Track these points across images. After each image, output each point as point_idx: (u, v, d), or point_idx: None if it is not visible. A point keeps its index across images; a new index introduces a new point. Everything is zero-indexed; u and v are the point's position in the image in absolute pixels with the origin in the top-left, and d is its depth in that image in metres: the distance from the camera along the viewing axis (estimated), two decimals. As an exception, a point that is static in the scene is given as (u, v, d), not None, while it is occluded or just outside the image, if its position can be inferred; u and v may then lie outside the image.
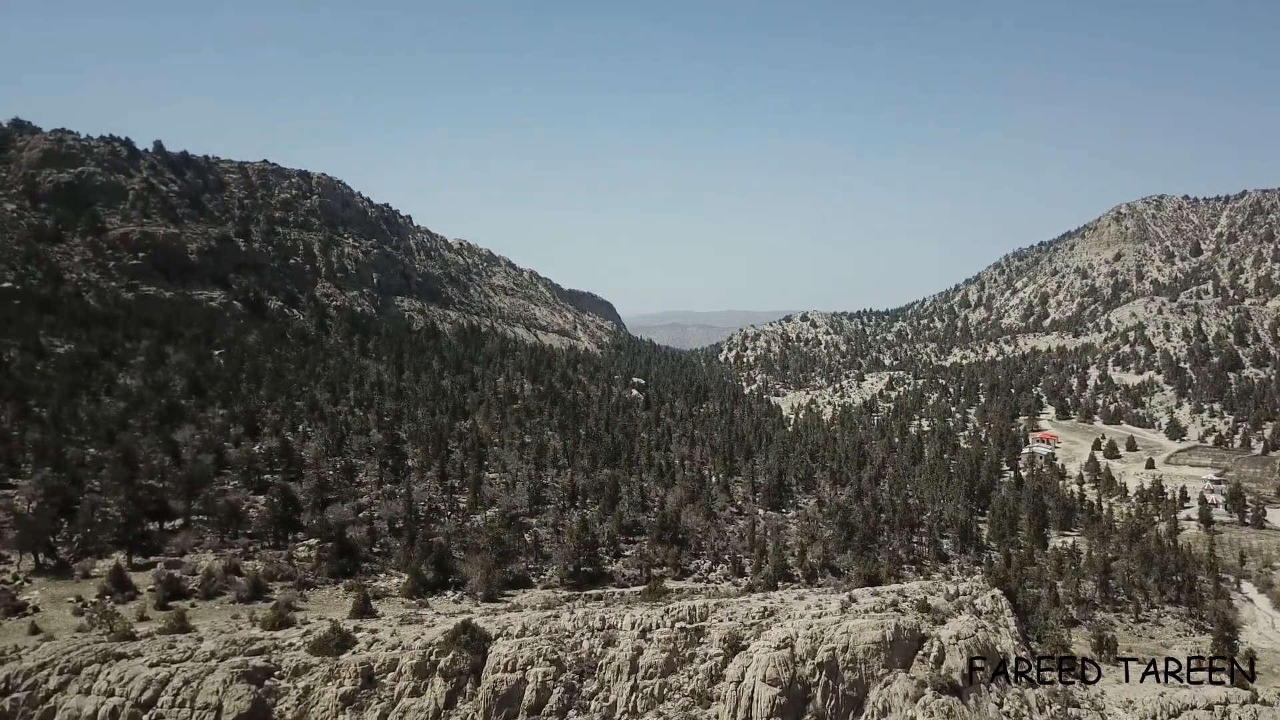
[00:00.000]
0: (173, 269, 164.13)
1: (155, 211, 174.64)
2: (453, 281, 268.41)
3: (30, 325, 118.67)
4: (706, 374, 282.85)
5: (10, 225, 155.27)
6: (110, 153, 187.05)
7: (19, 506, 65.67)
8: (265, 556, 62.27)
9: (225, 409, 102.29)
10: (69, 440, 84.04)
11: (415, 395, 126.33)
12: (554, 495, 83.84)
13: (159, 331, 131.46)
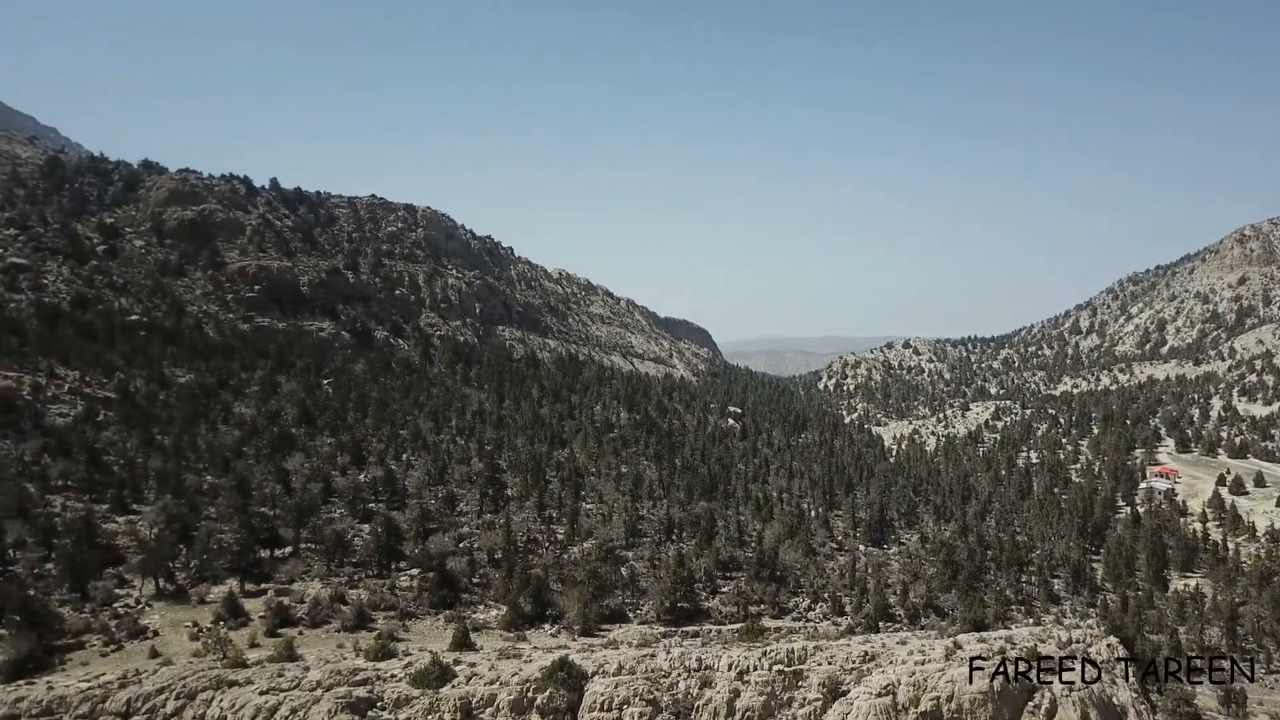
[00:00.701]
0: (286, 301, 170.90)
1: (270, 246, 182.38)
2: (552, 311, 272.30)
3: (155, 356, 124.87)
4: (805, 403, 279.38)
5: (138, 260, 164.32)
6: (230, 190, 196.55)
7: (142, 533, 68.93)
8: (369, 585, 63.68)
9: (333, 438, 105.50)
10: (188, 468, 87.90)
11: (515, 424, 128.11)
12: (650, 528, 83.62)
13: (272, 361, 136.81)
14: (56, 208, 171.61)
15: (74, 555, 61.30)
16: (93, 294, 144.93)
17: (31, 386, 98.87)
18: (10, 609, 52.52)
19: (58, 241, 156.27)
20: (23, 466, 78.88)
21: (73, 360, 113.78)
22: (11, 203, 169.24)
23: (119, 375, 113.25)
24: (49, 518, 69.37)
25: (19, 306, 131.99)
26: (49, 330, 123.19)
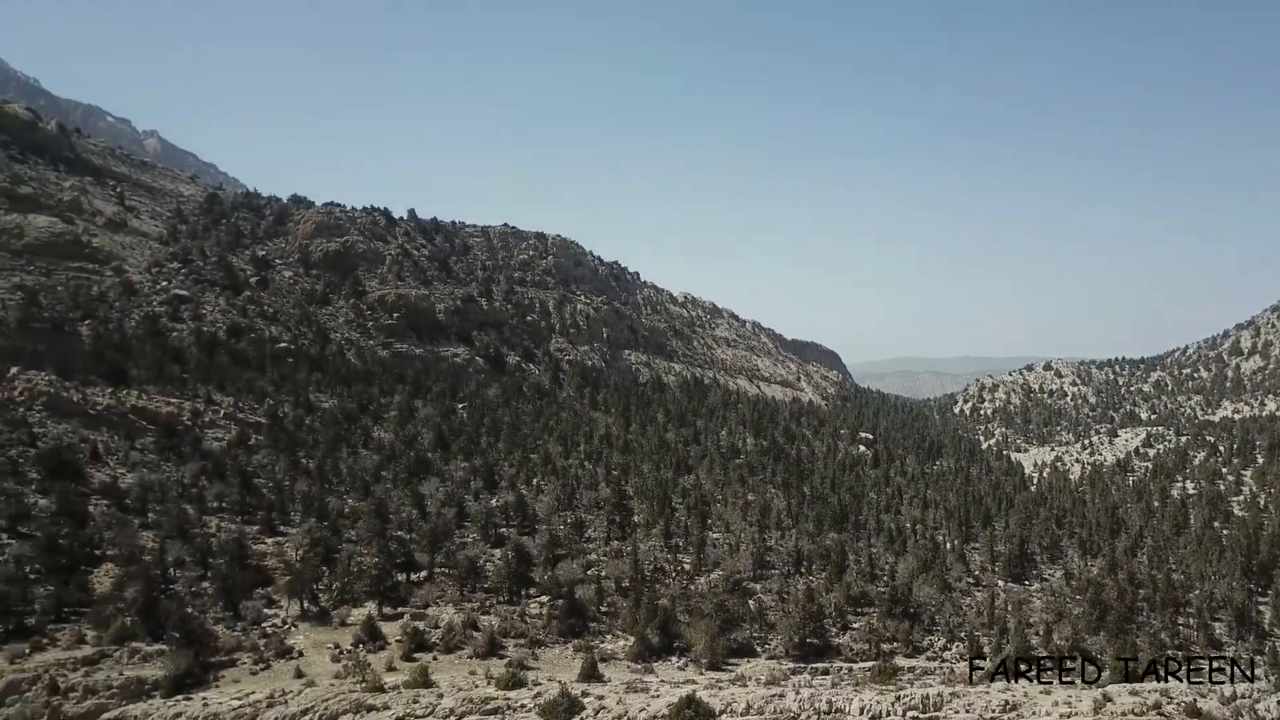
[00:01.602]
0: (423, 328, 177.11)
1: (408, 275, 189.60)
2: (677, 334, 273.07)
3: (301, 382, 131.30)
4: (940, 427, 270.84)
5: (287, 290, 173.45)
6: (371, 222, 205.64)
7: (289, 555, 72.28)
8: (500, 612, 64.84)
9: (467, 462, 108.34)
10: (330, 491, 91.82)
11: (641, 449, 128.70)
12: (778, 559, 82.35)
13: (410, 386, 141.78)
14: (214, 241, 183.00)
15: (227, 575, 64.77)
16: (246, 323, 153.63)
17: (191, 412, 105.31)
18: (170, 626, 55.73)
19: (215, 273, 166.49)
20: (183, 489, 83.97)
21: (227, 386, 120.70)
22: (175, 238, 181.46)
23: (269, 401, 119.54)
24: (205, 538, 73.59)
25: (180, 336, 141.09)
26: (207, 358, 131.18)
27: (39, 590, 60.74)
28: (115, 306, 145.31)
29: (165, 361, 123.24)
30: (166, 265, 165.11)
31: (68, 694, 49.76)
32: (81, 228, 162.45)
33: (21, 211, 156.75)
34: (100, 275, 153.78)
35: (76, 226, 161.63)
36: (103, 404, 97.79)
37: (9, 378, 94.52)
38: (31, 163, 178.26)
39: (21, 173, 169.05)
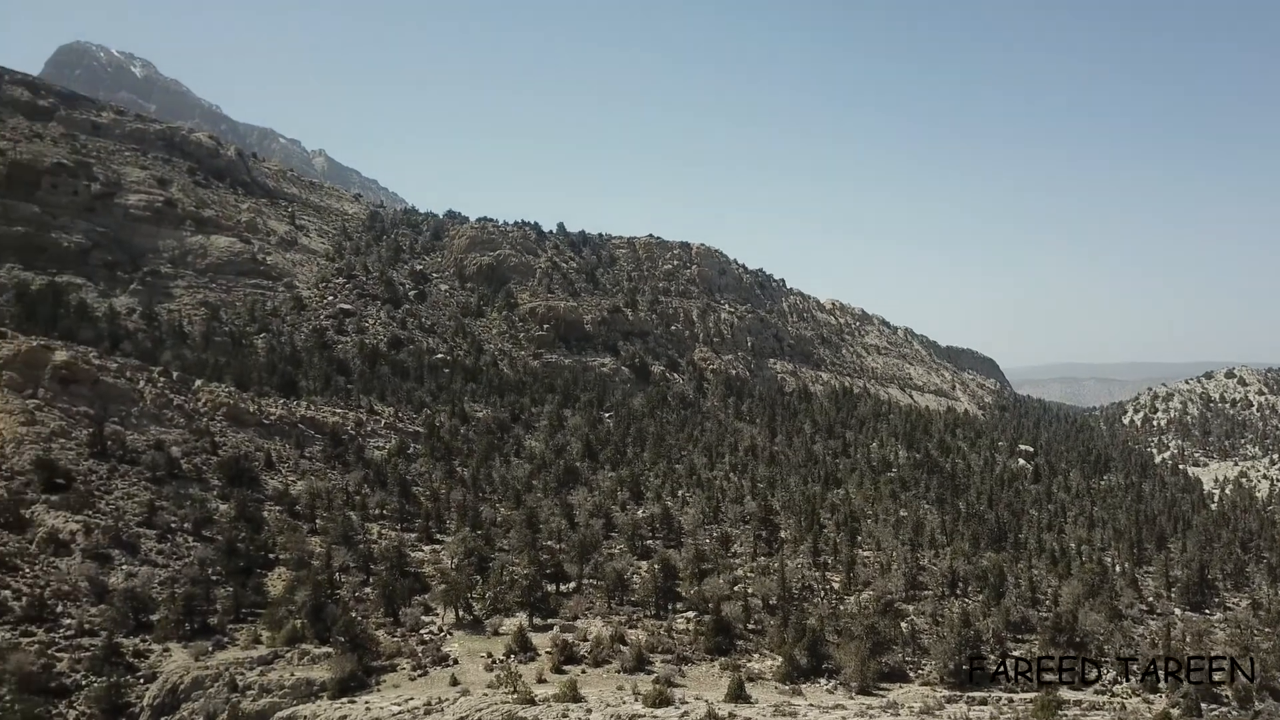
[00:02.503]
0: (571, 338, 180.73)
1: (557, 287, 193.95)
2: (824, 342, 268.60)
3: (457, 392, 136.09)
4: (1107, 439, 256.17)
5: (444, 303, 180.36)
6: (522, 236, 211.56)
7: (444, 563, 74.81)
8: (647, 626, 65.04)
9: (614, 472, 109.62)
10: (484, 499, 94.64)
11: (788, 461, 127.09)
12: (931, 580, 79.46)
13: (559, 396, 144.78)
14: (376, 257, 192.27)
15: (388, 582, 67.53)
16: (405, 335, 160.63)
17: (355, 422, 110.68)
18: (337, 630, 58.48)
19: (377, 288, 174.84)
20: (347, 496, 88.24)
21: (388, 396, 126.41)
22: (340, 254, 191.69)
23: (426, 410, 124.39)
24: (368, 545, 77.04)
25: (345, 348, 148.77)
26: (369, 369, 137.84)
27: (220, 591, 64.98)
28: (287, 320, 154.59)
29: (332, 373, 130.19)
30: (333, 281, 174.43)
31: (245, 692, 53.00)
32: (257, 246, 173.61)
33: (205, 233, 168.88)
34: (273, 291, 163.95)
35: (253, 245, 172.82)
36: (276, 414, 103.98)
37: (194, 390, 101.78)
38: (214, 187, 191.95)
39: (205, 197, 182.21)
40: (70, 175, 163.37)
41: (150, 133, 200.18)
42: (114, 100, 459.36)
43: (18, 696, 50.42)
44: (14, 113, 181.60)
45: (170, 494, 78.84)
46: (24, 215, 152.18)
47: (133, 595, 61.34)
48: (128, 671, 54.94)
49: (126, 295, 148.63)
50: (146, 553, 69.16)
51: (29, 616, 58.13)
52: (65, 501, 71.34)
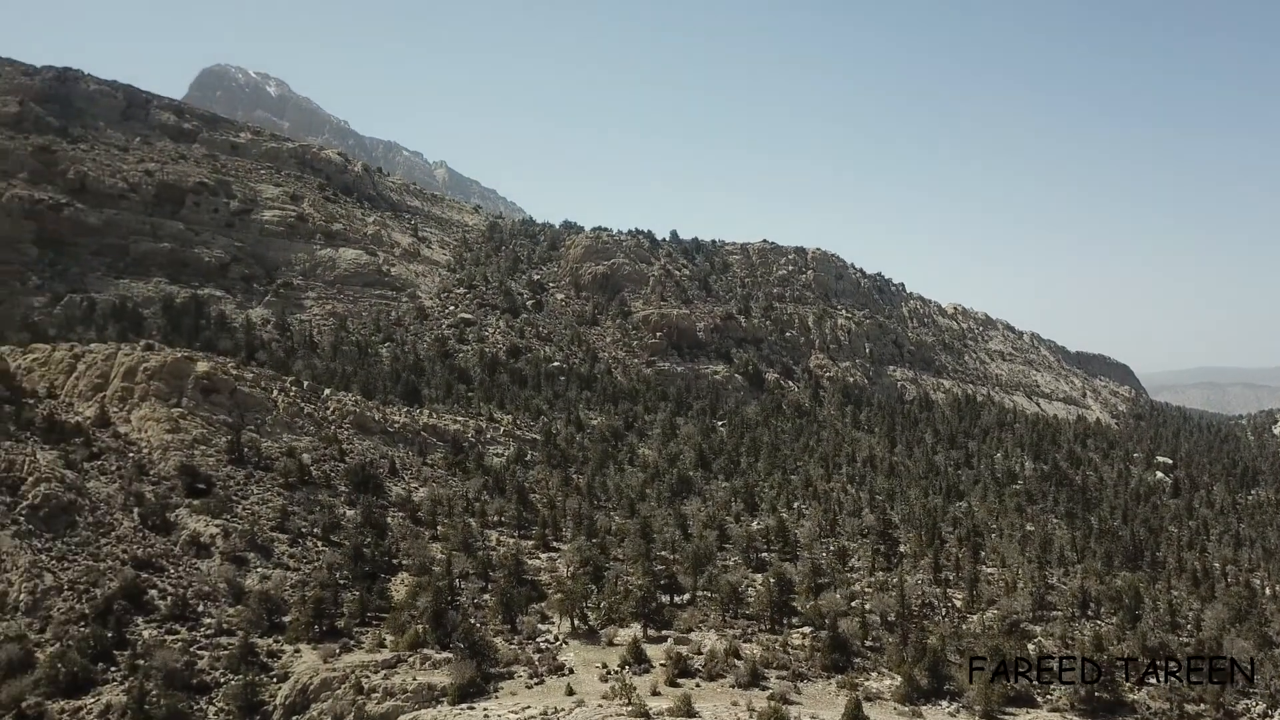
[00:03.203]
0: (684, 346, 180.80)
1: (670, 294, 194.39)
2: (946, 349, 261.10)
3: (573, 400, 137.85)
4: (1255, 450, 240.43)
5: (560, 312, 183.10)
6: (636, 245, 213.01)
7: (560, 571, 75.73)
8: (762, 641, 64.30)
9: (727, 482, 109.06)
10: (598, 508, 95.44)
11: (908, 472, 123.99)
12: (1060, 601, 76.05)
13: (672, 404, 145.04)
14: (495, 268, 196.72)
15: (506, 590, 68.74)
16: (523, 344, 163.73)
17: (475, 430, 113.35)
18: (457, 637, 59.82)
19: (496, 297, 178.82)
20: (467, 503, 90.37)
21: (507, 404, 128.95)
22: (461, 264, 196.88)
23: (543, 418, 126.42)
24: (486, 552, 78.69)
25: (466, 356, 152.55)
26: (489, 377, 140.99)
27: (347, 595, 67.36)
28: (410, 330, 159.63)
29: (453, 381, 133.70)
30: (454, 291, 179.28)
31: (370, 695, 54.68)
32: (382, 258, 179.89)
33: (334, 246, 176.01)
34: (398, 301, 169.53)
35: (378, 257, 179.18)
36: (399, 422, 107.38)
37: (323, 398, 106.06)
38: (342, 201, 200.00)
39: (334, 211, 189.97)
40: (211, 193, 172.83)
41: (283, 151, 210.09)
42: (251, 118, 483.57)
43: (164, 691, 53.35)
44: (161, 136, 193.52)
45: (301, 500, 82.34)
46: (170, 232, 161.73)
47: (267, 597, 64.23)
48: (262, 671, 57.49)
49: (262, 306, 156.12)
50: (279, 556, 72.33)
51: (173, 615, 61.56)
52: (206, 506, 75.27)
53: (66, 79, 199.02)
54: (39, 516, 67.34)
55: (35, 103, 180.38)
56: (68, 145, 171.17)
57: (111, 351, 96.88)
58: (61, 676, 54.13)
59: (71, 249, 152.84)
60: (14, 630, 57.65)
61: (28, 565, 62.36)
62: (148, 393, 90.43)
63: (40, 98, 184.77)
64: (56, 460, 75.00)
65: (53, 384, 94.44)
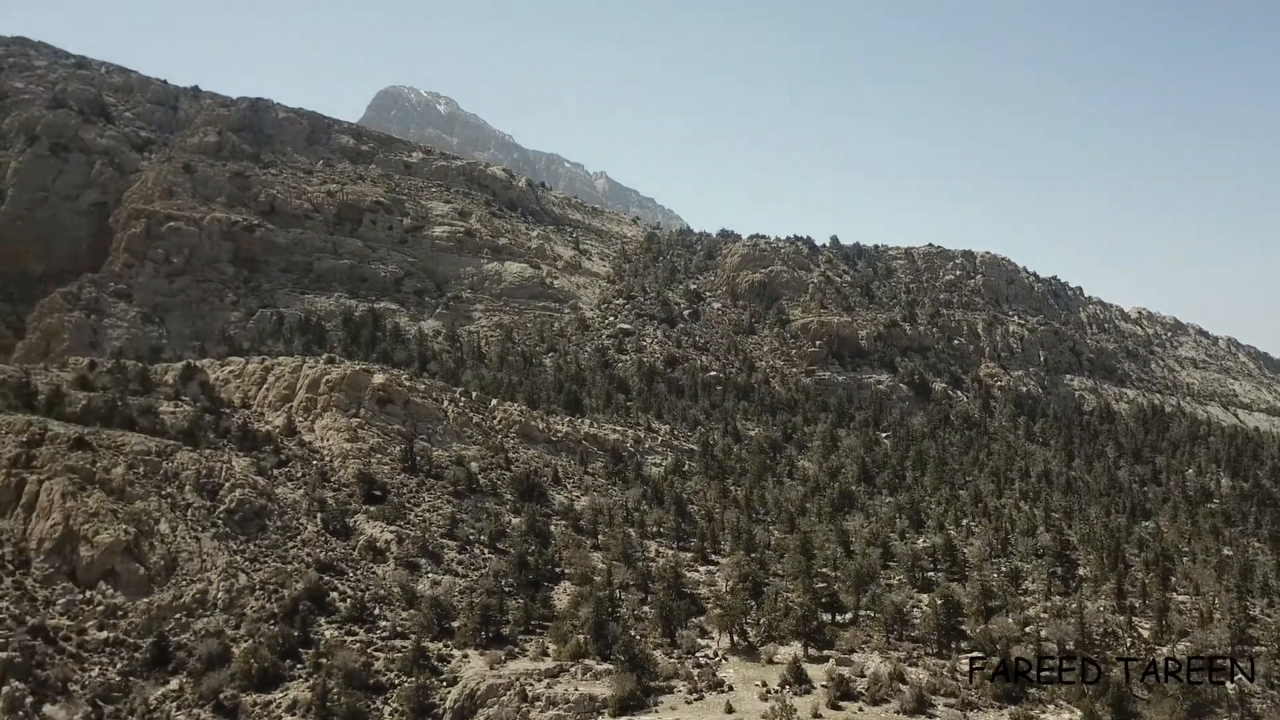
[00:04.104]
0: (845, 354, 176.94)
1: (830, 302, 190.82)
2: (1130, 355, 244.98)
3: (730, 410, 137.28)
4: None
5: (716, 321, 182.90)
6: (794, 251, 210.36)
7: (720, 585, 75.38)
8: (928, 665, 61.94)
9: (891, 497, 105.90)
10: (757, 521, 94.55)
11: (1087, 489, 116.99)
12: (1265, 634, 69.70)
13: (833, 415, 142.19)
14: (653, 278, 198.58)
15: (665, 603, 68.94)
16: (680, 353, 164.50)
17: (633, 439, 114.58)
18: (618, 649, 60.42)
19: (653, 308, 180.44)
20: (627, 513, 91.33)
21: (664, 414, 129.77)
22: (620, 276, 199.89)
23: (700, 428, 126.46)
24: (646, 563, 79.22)
25: (625, 366, 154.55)
26: (647, 387, 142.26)
27: (512, 603, 69.28)
28: (572, 340, 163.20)
29: (612, 391, 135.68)
30: (613, 302, 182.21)
31: (534, 703, 56.01)
32: (545, 271, 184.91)
33: (500, 260, 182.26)
34: (560, 313, 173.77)
35: (541, 270, 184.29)
36: (562, 431, 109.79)
37: (490, 408, 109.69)
38: (507, 217, 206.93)
39: (500, 226, 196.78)
40: (386, 212, 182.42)
41: (452, 169, 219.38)
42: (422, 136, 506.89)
43: (344, 690, 56.30)
44: (341, 158, 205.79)
45: (469, 507, 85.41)
46: (349, 249, 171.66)
47: (437, 603, 66.83)
48: (432, 674, 59.83)
49: (433, 319, 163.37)
50: (449, 563, 75.21)
51: (352, 617, 64.94)
52: (381, 512, 79.13)
53: (259, 108, 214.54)
54: (234, 520, 72.52)
55: (232, 132, 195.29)
56: (259, 170, 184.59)
57: (297, 365, 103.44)
58: (254, 671, 58.07)
59: (263, 267, 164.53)
60: (213, 626, 62.26)
61: (225, 565, 67.22)
62: (329, 404, 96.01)
63: (236, 127, 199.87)
64: (249, 467, 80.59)
65: (246, 395, 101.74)
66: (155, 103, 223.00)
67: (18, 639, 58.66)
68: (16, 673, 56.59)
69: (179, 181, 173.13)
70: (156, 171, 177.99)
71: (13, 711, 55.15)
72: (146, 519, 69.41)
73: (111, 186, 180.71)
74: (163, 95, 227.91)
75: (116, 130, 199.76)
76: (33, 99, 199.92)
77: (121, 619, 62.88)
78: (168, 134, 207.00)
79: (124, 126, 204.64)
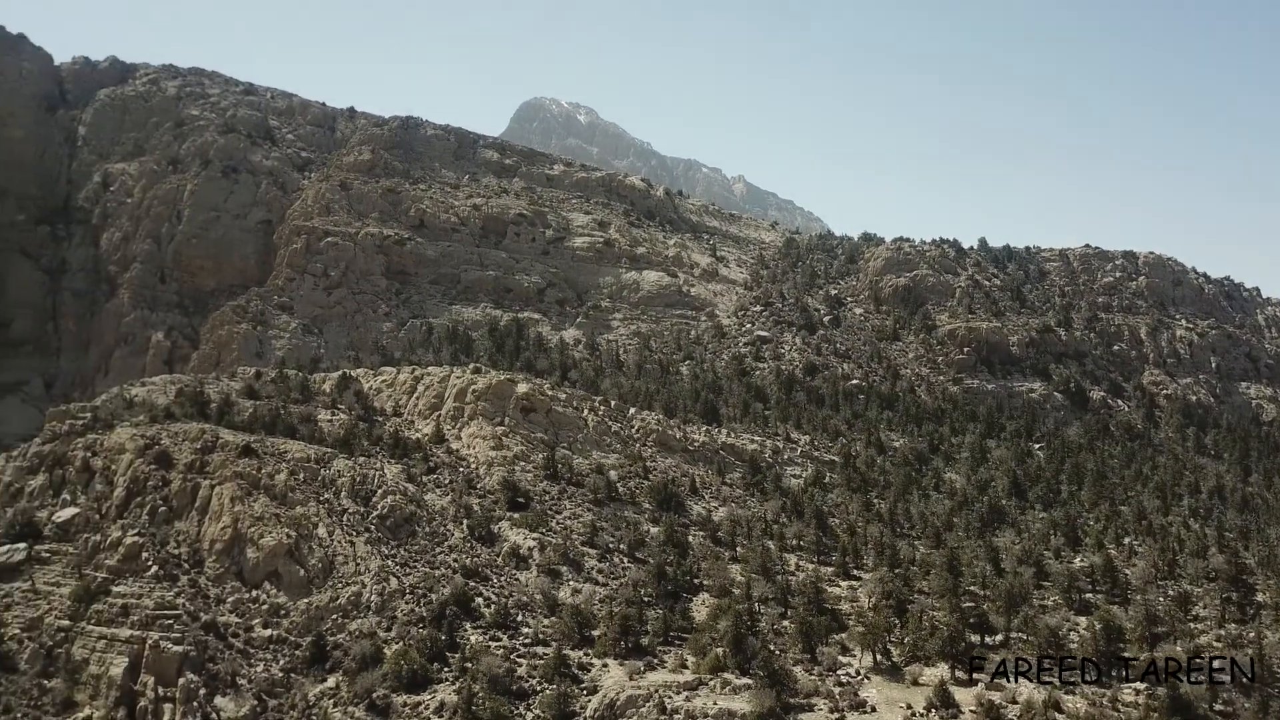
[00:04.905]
0: (995, 361, 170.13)
1: (979, 307, 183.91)
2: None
3: (872, 420, 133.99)
4: None
5: (858, 328, 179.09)
6: (940, 255, 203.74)
7: (862, 602, 73.56)
8: (1087, 694, 58.62)
9: (1045, 513, 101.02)
10: (901, 536, 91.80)
11: (1266, 506, 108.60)
12: None
13: (982, 425, 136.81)
14: (791, 284, 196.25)
15: (806, 618, 67.76)
16: (820, 361, 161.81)
17: (772, 450, 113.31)
18: (756, 664, 59.76)
19: (792, 314, 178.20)
20: (766, 525, 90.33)
21: (804, 424, 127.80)
22: (757, 282, 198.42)
23: (841, 439, 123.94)
24: (785, 576, 78.09)
25: (762, 374, 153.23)
26: (785, 396, 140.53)
27: (650, 613, 69.47)
28: (709, 349, 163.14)
29: (750, 399, 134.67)
30: (750, 309, 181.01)
31: (672, 715, 55.97)
32: (682, 279, 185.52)
33: (638, 269, 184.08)
34: (697, 320, 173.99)
35: (678, 278, 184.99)
36: (699, 441, 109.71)
37: (628, 417, 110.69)
38: (644, 226, 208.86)
39: (638, 236, 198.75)
40: (529, 224, 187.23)
41: (592, 181, 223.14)
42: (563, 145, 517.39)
43: (488, 695, 57.74)
44: (486, 172, 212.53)
45: (608, 516, 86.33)
46: (494, 261, 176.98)
47: (578, 611, 67.76)
48: (573, 682, 60.59)
49: (573, 328, 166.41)
50: (589, 571, 76.15)
51: (496, 623, 66.63)
52: (524, 520, 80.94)
53: (409, 126, 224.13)
54: (386, 525, 75.67)
55: (384, 150, 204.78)
56: (409, 186, 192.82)
57: (445, 374, 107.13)
58: (404, 673, 60.32)
59: (413, 279, 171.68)
60: (367, 627, 65.06)
61: (377, 569, 70.18)
62: (475, 412, 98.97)
63: (388, 145, 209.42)
64: (400, 474, 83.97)
65: (398, 403, 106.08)
66: (315, 124, 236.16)
67: (193, 634, 63.00)
68: (192, 666, 60.78)
69: (336, 199, 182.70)
70: (315, 190, 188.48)
71: (188, 702, 59.25)
72: (306, 523, 73.23)
73: (275, 205, 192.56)
74: (321, 117, 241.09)
75: (280, 152, 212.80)
76: (206, 125, 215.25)
77: (284, 618, 66.50)
78: (326, 153, 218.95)
79: (286, 148, 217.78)
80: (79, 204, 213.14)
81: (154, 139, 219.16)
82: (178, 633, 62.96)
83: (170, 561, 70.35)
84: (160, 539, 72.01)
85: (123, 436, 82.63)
